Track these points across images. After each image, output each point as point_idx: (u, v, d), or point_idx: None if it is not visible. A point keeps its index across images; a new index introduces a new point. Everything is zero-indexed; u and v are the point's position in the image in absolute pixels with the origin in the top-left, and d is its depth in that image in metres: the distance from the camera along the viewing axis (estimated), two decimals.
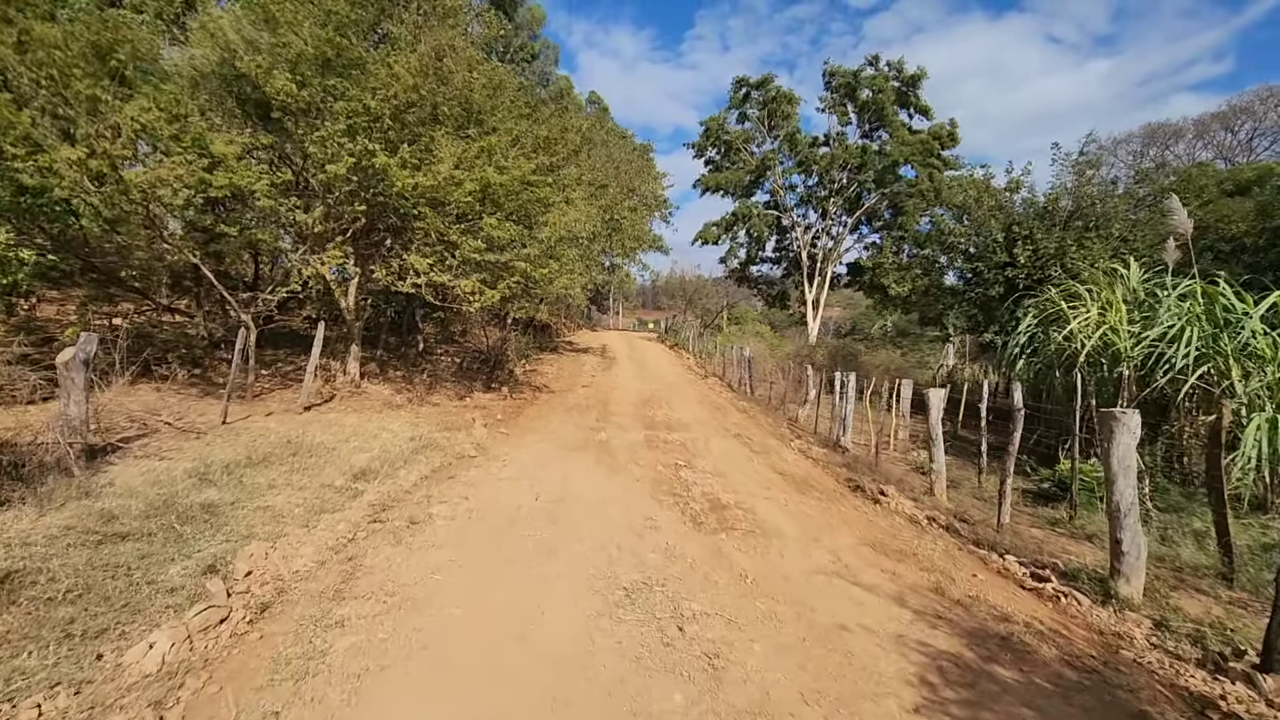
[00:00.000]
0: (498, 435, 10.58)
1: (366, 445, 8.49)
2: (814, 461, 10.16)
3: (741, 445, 10.91)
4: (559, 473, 7.97)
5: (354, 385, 12.89)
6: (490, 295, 10.88)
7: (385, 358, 15.87)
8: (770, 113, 33.83)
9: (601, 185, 17.18)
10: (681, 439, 10.94)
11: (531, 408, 14.05)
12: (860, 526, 6.55)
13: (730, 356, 21.76)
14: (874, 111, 32.26)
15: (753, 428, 13.17)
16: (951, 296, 17.73)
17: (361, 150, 9.30)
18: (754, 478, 8.42)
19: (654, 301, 71.47)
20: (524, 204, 11.81)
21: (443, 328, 20.20)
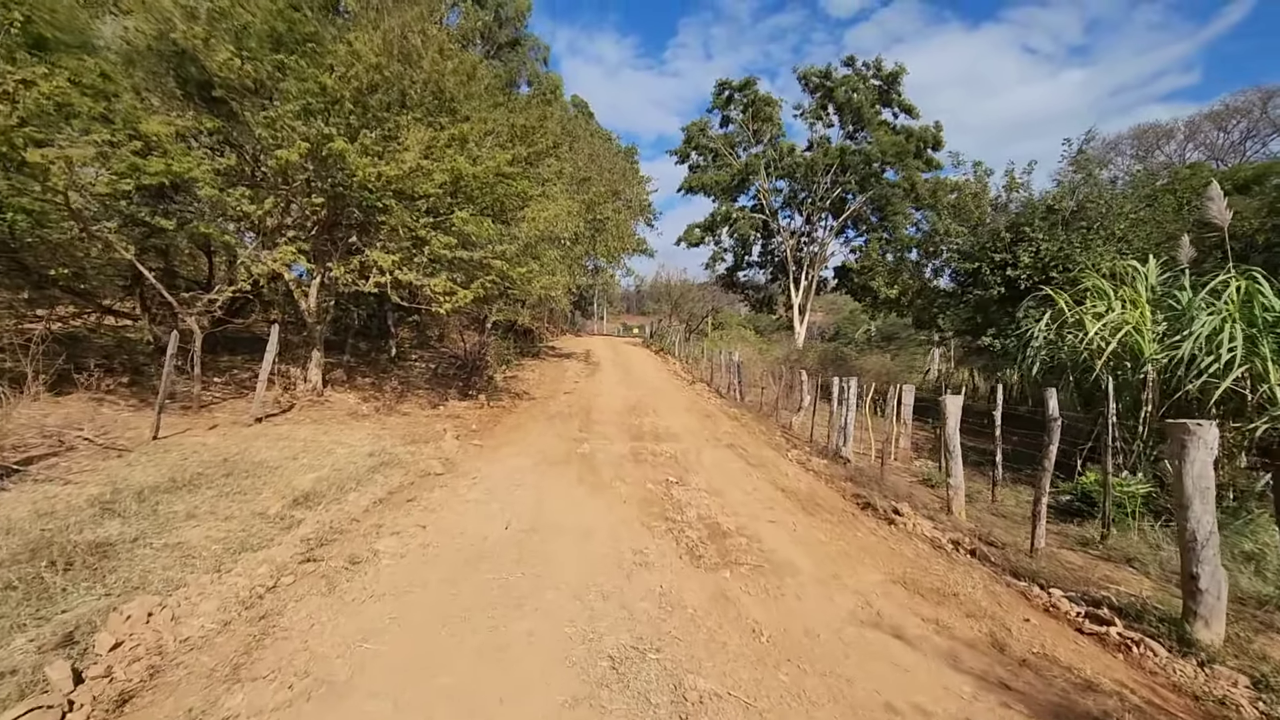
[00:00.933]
0: (470, 448, 9.55)
1: (316, 463, 7.42)
2: (816, 475, 9.23)
3: (736, 457, 9.97)
4: (535, 493, 6.96)
5: (316, 394, 11.78)
6: (463, 295, 9.85)
7: (354, 364, 14.75)
8: (753, 115, 33.06)
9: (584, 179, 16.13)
10: (671, 451, 9.98)
11: (510, 416, 13.01)
12: (882, 556, 5.61)
13: (718, 362, 20.86)
14: (853, 113, 31.60)
15: (746, 437, 12.23)
16: (947, 298, 16.98)
17: (317, 135, 8.26)
18: (754, 495, 7.47)
19: (638, 306, 70.54)
20: (499, 198, 10.82)
21: (419, 332, 19.10)
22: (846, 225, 34.73)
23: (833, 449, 11.12)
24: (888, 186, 30.85)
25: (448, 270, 10.51)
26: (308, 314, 11.34)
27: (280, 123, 8.21)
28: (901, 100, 31.75)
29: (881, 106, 32.10)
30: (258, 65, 8.10)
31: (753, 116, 33.27)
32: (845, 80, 31.86)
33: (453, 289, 9.93)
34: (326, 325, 11.61)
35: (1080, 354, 10.22)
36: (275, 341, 9.90)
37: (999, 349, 16.07)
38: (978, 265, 15.80)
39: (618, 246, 20.79)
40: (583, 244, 19.77)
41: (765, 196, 34.49)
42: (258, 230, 10.29)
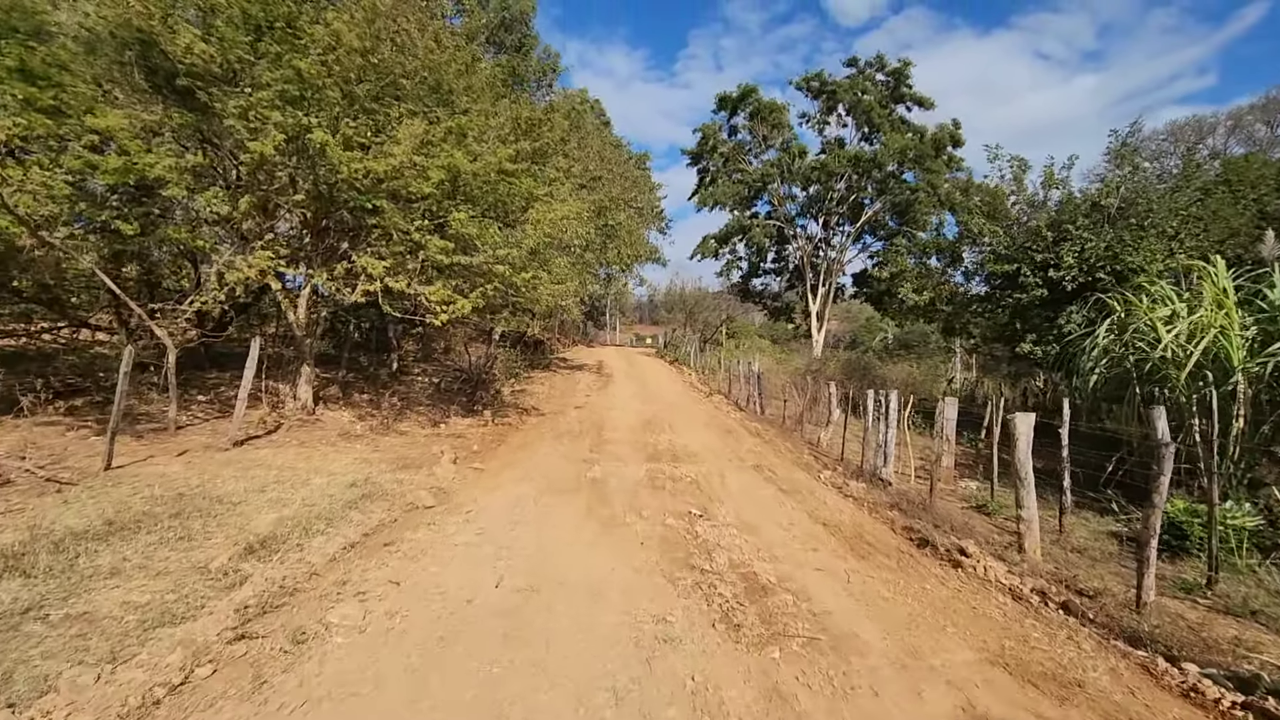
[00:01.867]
0: (468, 473, 8.51)
1: (286, 496, 6.40)
2: (857, 503, 8.08)
3: (765, 481, 8.84)
4: (536, 532, 5.89)
5: (306, 412, 10.81)
6: (462, 304, 8.85)
7: (351, 379, 13.80)
8: (761, 120, 31.90)
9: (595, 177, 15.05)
10: (692, 474, 8.87)
11: (516, 435, 11.96)
12: (964, 619, 4.47)
13: (736, 372, 19.73)
14: (864, 114, 30.38)
15: (772, 456, 11.09)
16: (982, 303, 15.75)
17: (292, 124, 7.31)
18: (792, 532, 6.35)
19: (650, 316, 69.52)
20: (502, 199, 9.84)
21: (423, 345, 18.16)
22: (864, 231, 33.48)
23: (870, 469, 9.95)
24: (908, 190, 29.56)
25: (446, 278, 9.52)
26: (296, 326, 10.39)
27: (253, 112, 7.27)
28: (913, 94, 30.46)
29: (893, 103, 30.84)
30: (226, 49, 7.17)
31: (760, 122, 32.14)
32: (850, 82, 30.65)
33: (451, 298, 8.94)
34: (318, 338, 10.65)
35: (1151, 363, 9.01)
36: (255, 357, 8.93)
37: (1039, 356, 14.85)
38: (1016, 266, 14.59)
39: (630, 254, 19.77)
40: (593, 251, 18.77)
41: (779, 202, 33.35)
42: (242, 236, 9.36)
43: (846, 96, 30.73)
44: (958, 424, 14.72)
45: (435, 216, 9.59)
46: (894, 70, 30.54)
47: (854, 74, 31.41)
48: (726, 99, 32.43)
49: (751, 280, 36.27)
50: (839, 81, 31.16)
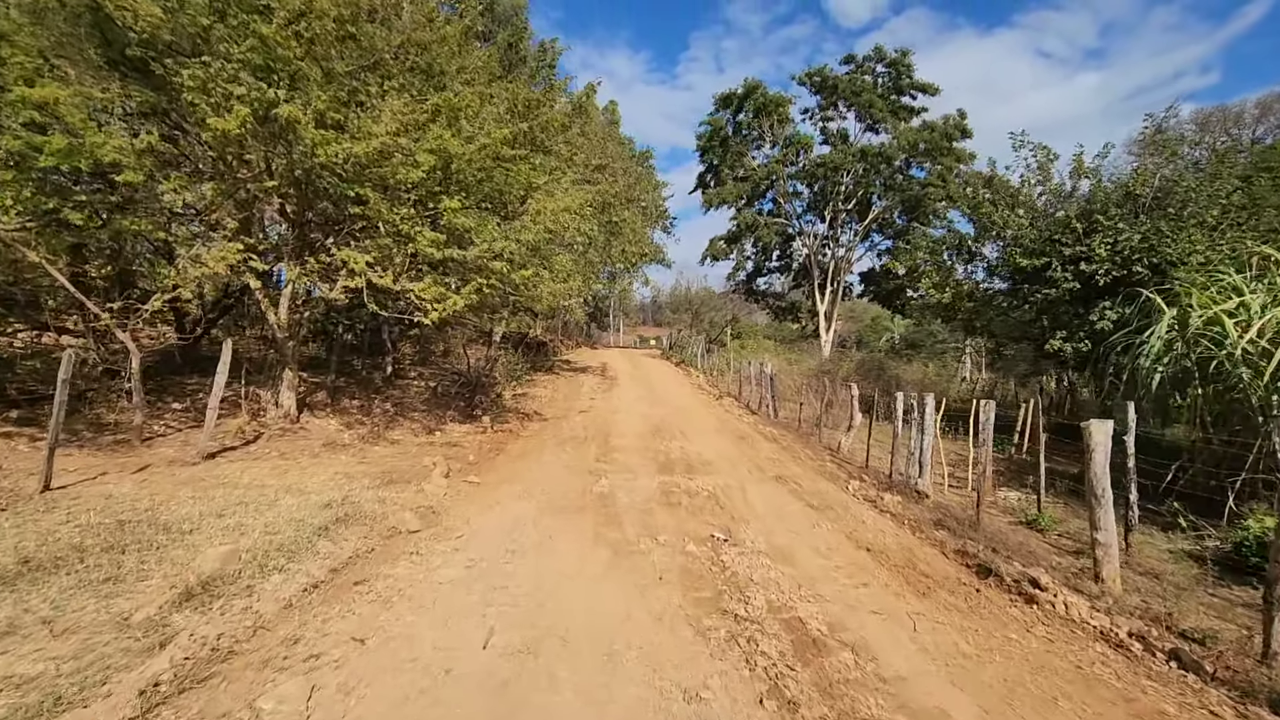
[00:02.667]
0: (462, 488, 7.59)
1: (247, 522, 5.48)
2: (896, 520, 7.14)
3: (791, 495, 7.91)
4: (535, 565, 4.96)
5: (289, 420, 9.91)
6: (454, 301, 7.94)
7: (343, 384, 12.90)
8: (766, 116, 30.92)
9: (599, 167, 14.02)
10: (709, 487, 7.95)
11: (516, 443, 11.04)
12: (1072, 683, 3.54)
13: (746, 374, 18.78)
14: (865, 108, 29.41)
15: (792, 465, 10.16)
16: (1008, 298, 14.77)
17: (257, 98, 6.40)
18: (834, 560, 5.42)
19: (654, 318, 68.57)
20: (498, 188, 8.93)
21: (421, 347, 17.26)
22: (872, 229, 32.46)
23: (901, 479, 9.02)
24: (918, 185, 28.54)
25: (440, 274, 8.63)
26: (278, 328, 9.49)
27: (213, 85, 6.37)
28: (915, 82, 29.43)
29: (897, 94, 29.84)
30: (179, 10, 6.28)
31: (765, 118, 31.13)
32: (849, 77, 29.62)
33: (443, 294, 8.02)
34: (301, 341, 9.75)
35: (1218, 362, 8.06)
36: (228, 361, 8.03)
37: (1068, 355, 13.89)
38: (1046, 260, 13.63)
39: (635, 251, 18.86)
40: (597, 250, 17.85)
41: (785, 199, 32.35)
42: (214, 229, 8.47)
43: (846, 90, 29.72)
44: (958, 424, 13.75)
45: (427, 207, 8.70)
46: (893, 61, 29.55)
47: (852, 70, 30.42)
48: (731, 96, 31.48)
49: (756, 280, 35.30)
50: (839, 76, 30.17)
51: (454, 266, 9.19)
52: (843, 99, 30.78)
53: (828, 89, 30.30)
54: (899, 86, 29.83)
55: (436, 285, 7.87)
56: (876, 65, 29.95)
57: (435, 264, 8.85)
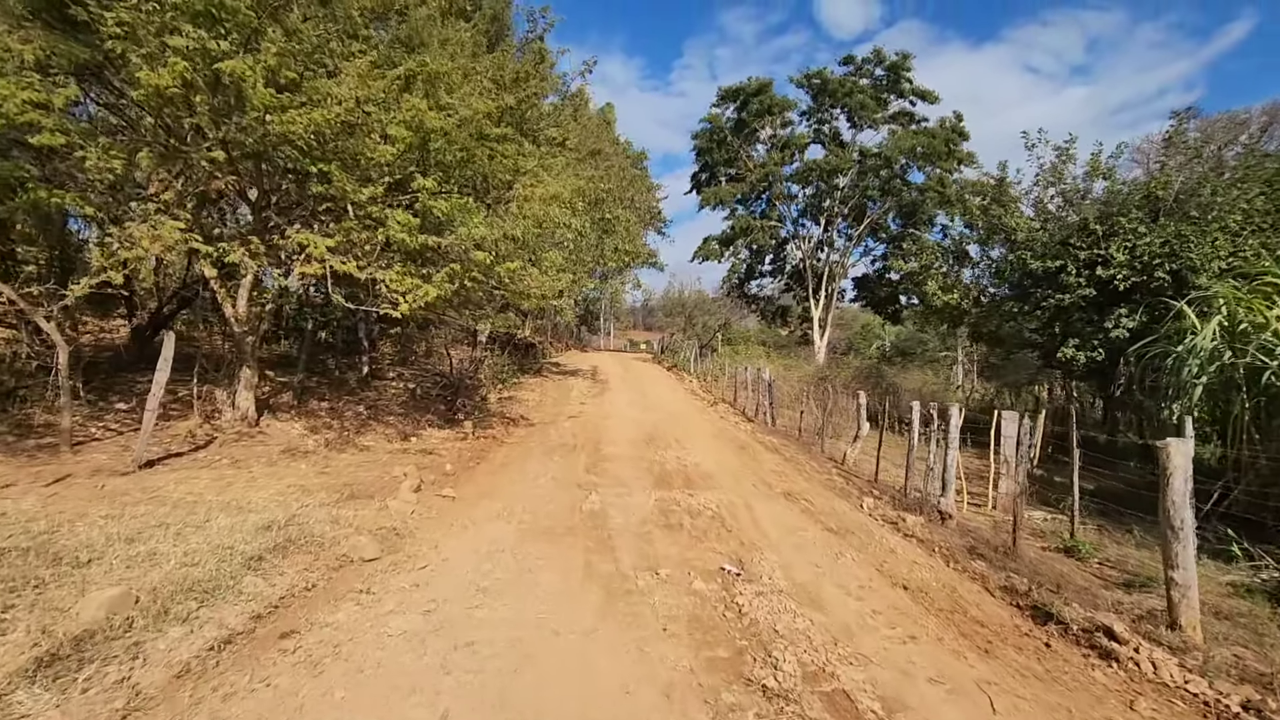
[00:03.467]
0: (435, 504, 6.61)
1: (162, 549, 4.47)
2: (925, 547, 6.24)
3: (804, 516, 7.00)
4: (512, 611, 4.01)
5: (248, 424, 8.88)
6: (427, 292, 6.95)
7: (313, 384, 11.85)
8: (770, 117, 30.13)
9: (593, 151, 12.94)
10: (712, 505, 7.02)
11: (499, 450, 10.07)
12: None
13: (742, 379, 17.90)
14: (858, 110, 28.68)
15: (799, 478, 9.26)
16: (1018, 302, 13.97)
17: (197, 49, 5.42)
18: (869, 603, 4.50)
19: (645, 321, 67.63)
20: (481, 170, 7.98)
21: (402, 346, 16.23)
22: (867, 234, 31.71)
23: (918, 497, 8.14)
24: (915, 189, 27.80)
25: (416, 264, 7.66)
26: (235, 322, 8.48)
27: (146, 32, 5.38)
28: (915, 87, 28.80)
29: (894, 97, 29.15)
30: None
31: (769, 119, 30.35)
32: (846, 79, 28.91)
33: (416, 284, 7.04)
34: (261, 336, 8.74)
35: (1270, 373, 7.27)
36: (169, 357, 7.02)
37: (1082, 363, 13.13)
38: (1060, 264, 12.86)
39: (628, 249, 17.96)
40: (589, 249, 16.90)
41: (781, 201, 31.54)
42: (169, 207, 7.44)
43: (839, 92, 28.98)
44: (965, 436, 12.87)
45: (405, 191, 7.73)
46: (892, 64, 28.84)
47: (850, 72, 29.69)
48: (739, 91, 30.51)
49: (748, 283, 34.44)
50: (836, 79, 29.41)
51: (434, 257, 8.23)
52: (837, 102, 30.05)
53: (826, 91, 29.54)
54: (899, 90, 29.16)
55: (407, 274, 6.88)
56: (875, 68, 29.26)
57: (412, 254, 7.87)
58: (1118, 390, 13.87)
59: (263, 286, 8.87)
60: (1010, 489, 9.11)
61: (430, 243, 7.07)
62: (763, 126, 31.01)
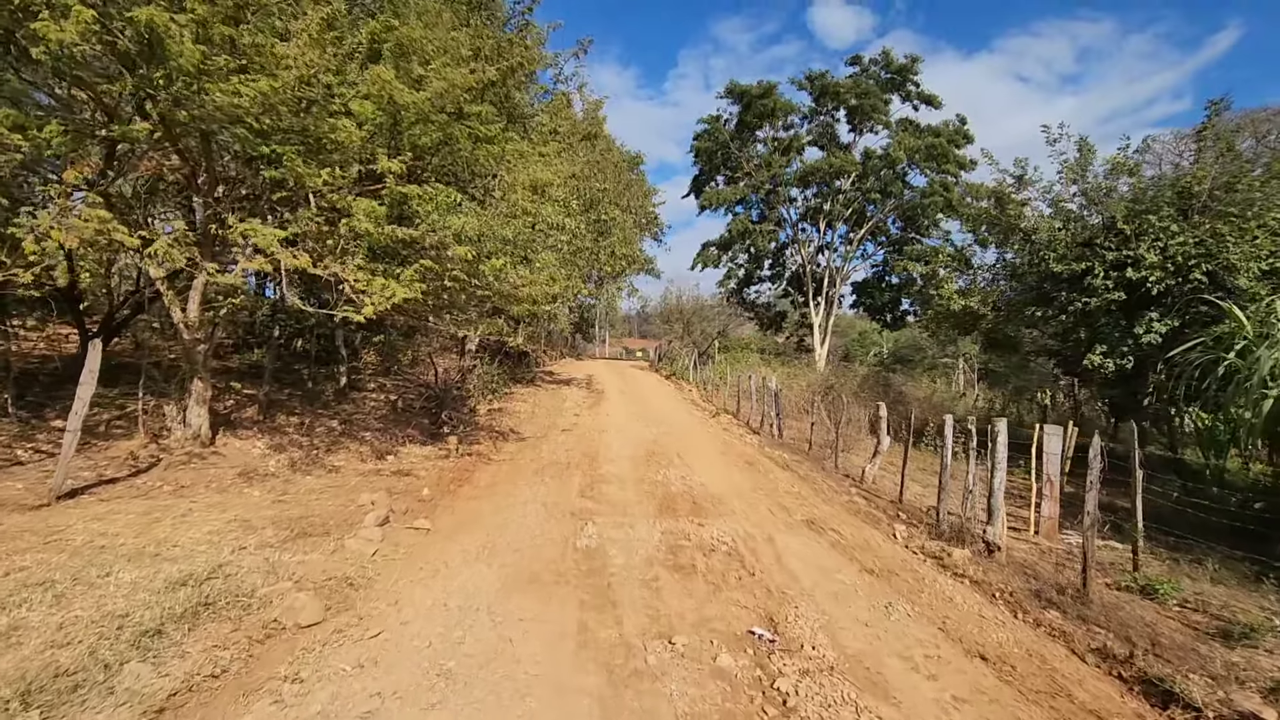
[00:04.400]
0: (404, 541, 5.56)
1: (29, 620, 3.40)
2: (983, 591, 5.23)
3: (834, 551, 5.97)
4: (483, 707, 2.96)
5: (200, 443, 7.80)
6: (394, 292, 5.90)
7: (284, 397, 10.77)
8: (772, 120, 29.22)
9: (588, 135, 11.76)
10: (726, 538, 6.00)
11: (485, 470, 9.01)
12: None
13: (745, 389, 16.89)
14: (864, 114, 27.86)
15: (818, 501, 8.24)
16: (1041, 306, 13.00)
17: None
18: (945, 683, 3.47)
19: (640, 330, 66.62)
20: (461, 154, 6.98)
21: (385, 357, 15.15)
22: (867, 238, 30.79)
23: (955, 522, 7.12)
24: (919, 193, 26.90)
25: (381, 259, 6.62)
26: (184, 328, 7.41)
27: None
28: (921, 92, 27.97)
29: (900, 101, 28.38)
30: None
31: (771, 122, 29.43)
32: (852, 81, 28.08)
33: (382, 283, 6.00)
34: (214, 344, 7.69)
35: None
36: (95, 369, 5.96)
37: (1110, 371, 12.17)
38: (1086, 265, 11.93)
39: (625, 253, 16.99)
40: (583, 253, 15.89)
41: (781, 204, 30.57)
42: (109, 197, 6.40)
43: (848, 95, 28.13)
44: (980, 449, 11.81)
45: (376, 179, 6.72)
46: (900, 67, 28.01)
47: (856, 73, 28.87)
48: (744, 91, 29.58)
49: (746, 289, 33.45)
50: (840, 81, 28.58)
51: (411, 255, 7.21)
52: (841, 104, 29.12)
53: (828, 93, 28.65)
54: (904, 94, 28.34)
55: (371, 272, 5.85)
56: (882, 71, 28.40)
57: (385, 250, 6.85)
58: (1145, 399, 12.94)
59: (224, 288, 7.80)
60: (1052, 512, 8.13)
61: (400, 235, 6.04)
62: (764, 129, 30.12)
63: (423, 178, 6.84)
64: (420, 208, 6.34)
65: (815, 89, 29.05)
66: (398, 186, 5.92)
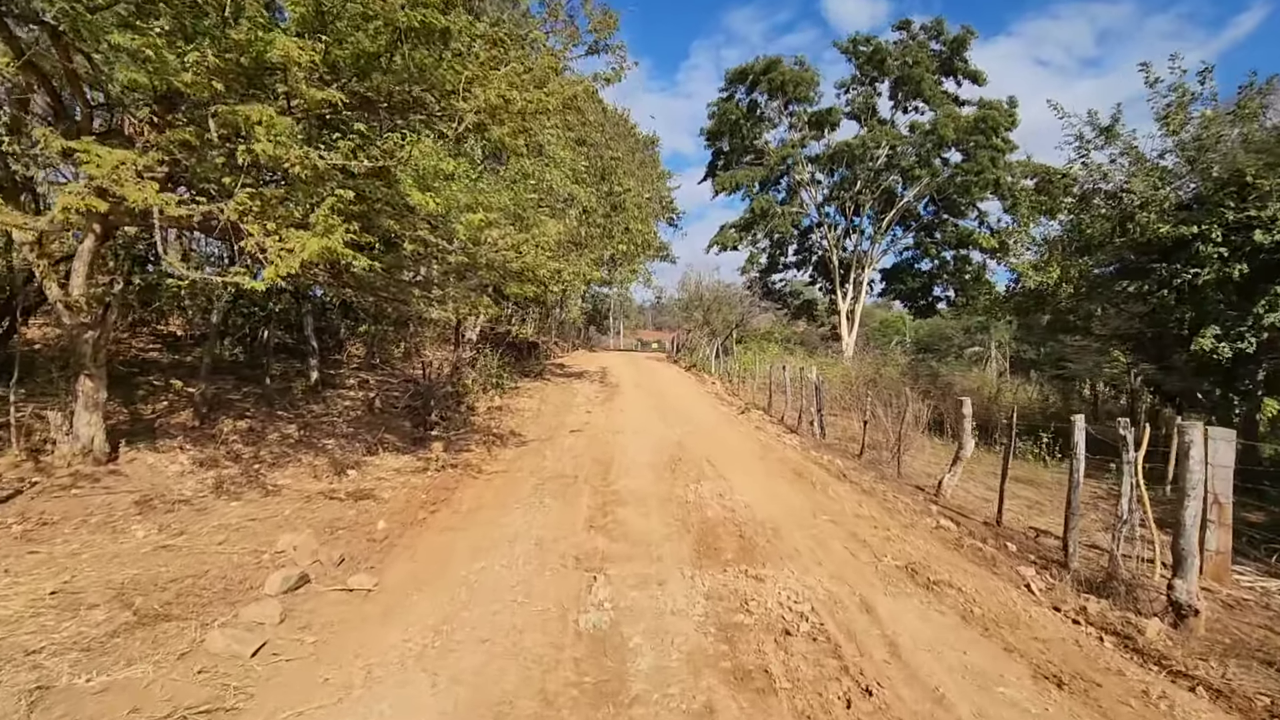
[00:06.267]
0: (320, 617, 3.60)
1: None
2: (1225, 705, 3.12)
3: (967, 628, 3.89)
4: None
5: (94, 460, 5.88)
6: (304, 245, 3.88)
7: (239, 396, 8.86)
8: (785, 95, 26.89)
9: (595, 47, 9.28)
10: (801, 604, 3.97)
11: (471, 487, 7.03)
12: None
13: (778, 380, 14.78)
14: (912, 85, 25.38)
15: (903, 531, 6.15)
16: (1138, 280, 10.66)
17: None
18: None
19: (656, 321, 64.35)
20: (419, 65, 4.95)
21: (373, 348, 13.22)
22: (898, 220, 28.23)
23: (1109, 568, 5.01)
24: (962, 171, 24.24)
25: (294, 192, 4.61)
26: (66, 310, 5.49)
27: None
28: (967, 68, 25.37)
29: (943, 76, 25.81)
30: None
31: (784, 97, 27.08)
32: (899, 48, 25.57)
33: (280, 234, 3.98)
34: (105, 331, 5.75)
35: None
36: None
37: (1225, 357, 9.90)
38: (1202, 228, 9.65)
39: (640, 230, 14.91)
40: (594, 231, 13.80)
41: (804, 186, 28.25)
42: None
43: (893, 64, 25.51)
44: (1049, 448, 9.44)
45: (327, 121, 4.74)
46: (954, 39, 25.33)
47: (905, 39, 26.19)
48: (746, 72, 27.27)
49: (771, 276, 31.13)
50: (888, 47, 25.91)
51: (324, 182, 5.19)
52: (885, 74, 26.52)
53: (875, 61, 26.05)
54: (949, 68, 25.73)
55: (264, 211, 3.85)
56: (932, 42, 25.79)
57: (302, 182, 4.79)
58: (1238, 390, 10.66)
59: (123, 258, 5.86)
60: (1224, 544, 5.94)
61: (317, 162, 4.01)
62: (778, 106, 27.74)
63: (373, 104, 4.82)
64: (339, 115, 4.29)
65: (859, 55, 26.42)
66: (307, 88, 3.89)
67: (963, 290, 25.94)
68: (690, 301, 27.35)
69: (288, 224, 4.18)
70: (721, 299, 26.25)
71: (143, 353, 10.04)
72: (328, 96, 4.03)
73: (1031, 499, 8.79)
